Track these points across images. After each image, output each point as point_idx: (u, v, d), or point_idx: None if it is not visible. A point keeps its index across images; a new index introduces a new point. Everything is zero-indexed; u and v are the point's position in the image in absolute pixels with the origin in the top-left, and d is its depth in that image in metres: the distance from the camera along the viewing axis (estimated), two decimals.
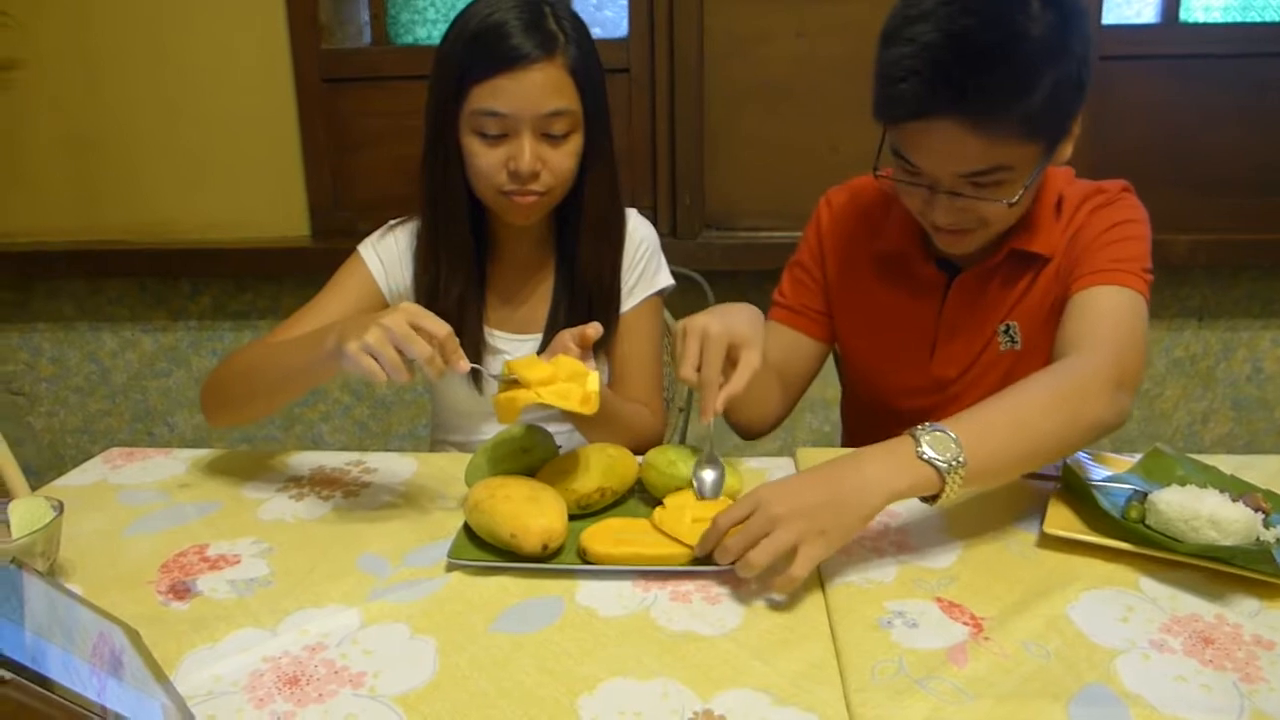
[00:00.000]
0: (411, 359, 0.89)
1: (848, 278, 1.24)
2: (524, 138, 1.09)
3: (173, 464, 1.15)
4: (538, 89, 1.07)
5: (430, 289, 1.21)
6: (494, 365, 1.24)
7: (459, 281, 1.20)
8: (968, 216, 1.03)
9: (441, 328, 0.90)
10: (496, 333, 1.26)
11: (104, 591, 0.84)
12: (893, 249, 1.19)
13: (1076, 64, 0.95)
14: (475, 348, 1.22)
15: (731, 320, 0.96)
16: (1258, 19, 2.05)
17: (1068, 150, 1.04)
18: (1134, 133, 2.06)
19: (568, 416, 1.14)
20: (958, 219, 1.03)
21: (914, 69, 0.93)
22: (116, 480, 1.11)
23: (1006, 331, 1.16)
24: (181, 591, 0.84)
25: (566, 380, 0.94)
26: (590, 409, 0.93)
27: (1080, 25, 0.95)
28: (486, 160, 1.10)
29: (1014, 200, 1.00)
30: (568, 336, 1.01)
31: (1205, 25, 2.05)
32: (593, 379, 0.95)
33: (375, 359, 0.88)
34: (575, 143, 1.13)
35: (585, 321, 1.04)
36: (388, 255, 1.24)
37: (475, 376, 1.24)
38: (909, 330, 1.20)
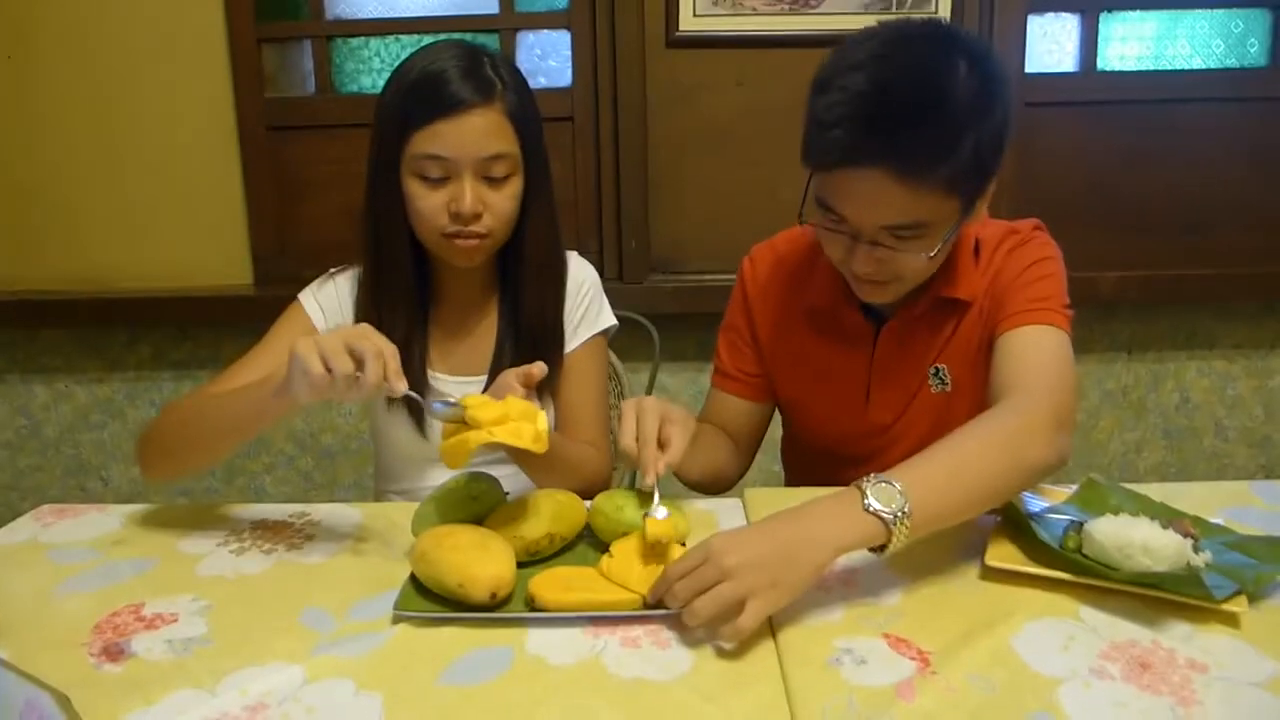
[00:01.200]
0: (356, 371, 0.89)
1: (779, 333, 1.26)
2: (465, 180, 1.10)
3: (107, 520, 1.11)
4: (478, 133, 1.10)
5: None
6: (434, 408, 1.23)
7: (401, 325, 1.20)
8: (885, 269, 1.05)
9: (387, 344, 0.91)
10: (440, 375, 1.26)
11: (34, 655, 0.81)
12: (820, 303, 1.21)
13: (997, 127, 0.98)
14: (418, 392, 1.21)
15: (664, 402, 1.03)
16: (1169, 68, 2.16)
17: (983, 210, 1.07)
18: (1058, 175, 2.15)
19: (516, 459, 1.14)
20: (876, 270, 1.05)
21: (846, 116, 0.96)
22: (47, 538, 1.07)
23: (936, 374, 1.19)
24: (115, 653, 0.81)
25: (518, 419, 0.94)
26: (541, 447, 0.94)
27: (1002, 91, 0.98)
28: (428, 203, 1.11)
29: (931, 254, 1.03)
30: (512, 376, 1.01)
31: (1121, 73, 2.16)
32: (542, 418, 0.95)
33: (326, 366, 0.88)
34: (515, 185, 1.15)
35: (529, 362, 1.04)
36: (328, 303, 1.24)
37: (416, 417, 1.23)
38: (843, 380, 1.22)
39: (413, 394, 0.96)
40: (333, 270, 1.27)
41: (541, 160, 1.18)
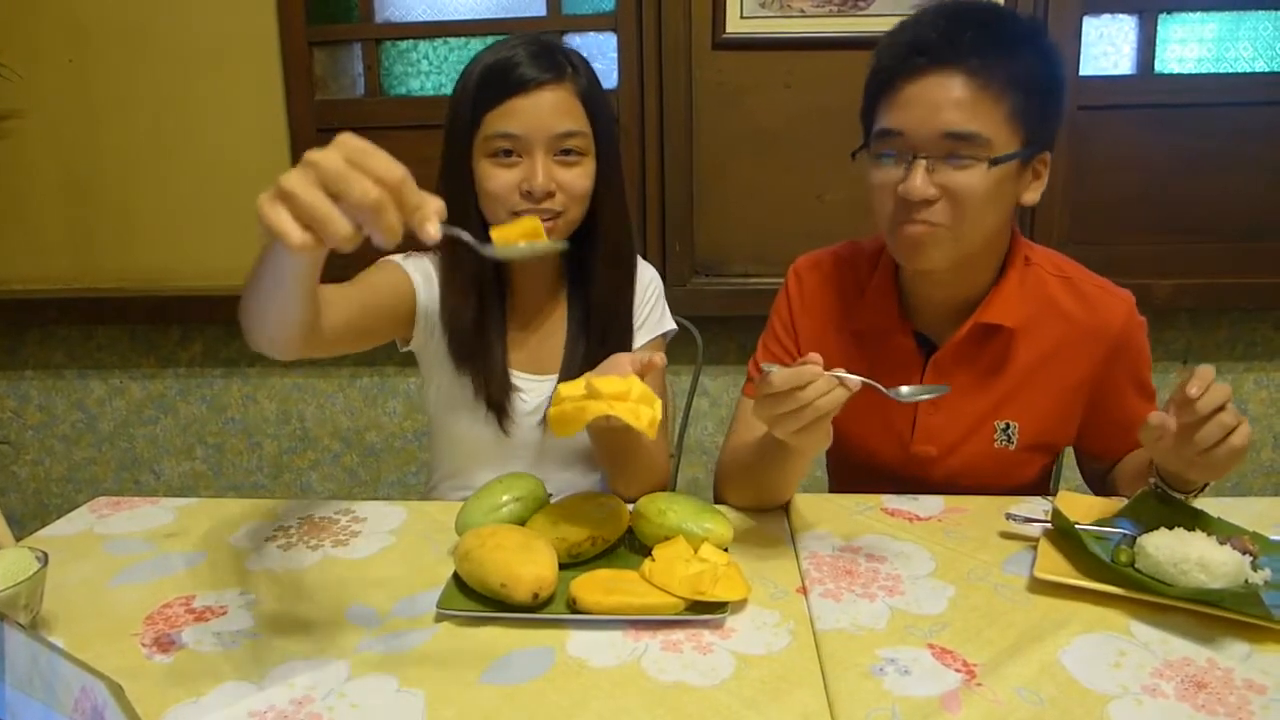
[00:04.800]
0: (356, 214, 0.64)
1: (825, 350, 1.22)
2: (537, 157, 1.11)
3: (160, 513, 1.14)
4: (549, 109, 1.11)
5: (454, 316, 1.20)
6: (515, 401, 1.23)
7: (480, 320, 1.19)
8: (940, 199, 1.02)
9: (395, 169, 0.65)
10: (515, 372, 1.25)
11: (87, 644, 0.83)
12: (870, 325, 1.20)
13: (1058, 80, 1.05)
14: (502, 383, 1.21)
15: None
16: (1230, 70, 2.10)
17: (1035, 192, 1.08)
18: (1114, 180, 2.10)
19: (601, 449, 1.16)
20: (931, 198, 1.02)
21: (917, 29, 1.04)
22: (103, 530, 1.10)
23: (1005, 430, 1.18)
24: (166, 644, 0.83)
25: (637, 400, 0.93)
26: (653, 433, 0.93)
27: (1060, 60, 1.06)
28: (499, 182, 1.12)
29: (990, 163, 1.01)
30: (625, 360, 1.02)
31: (1180, 76, 2.10)
32: (658, 405, 0.95)
33: (291, 209, 0.63)
34: (588, 166, 1.15)
35: (601, 358, 1.05)
36: (421, 269, 1.23)
37: (498, 414, 1.21)
38: (889, 409, 1.19)
39: (457, 231, 0.76)
40: (415, 251, 1.25)
41: (613, 149, 1.18)
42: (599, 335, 1.22)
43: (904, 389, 0.97)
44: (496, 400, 1.21)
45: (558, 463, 1.25)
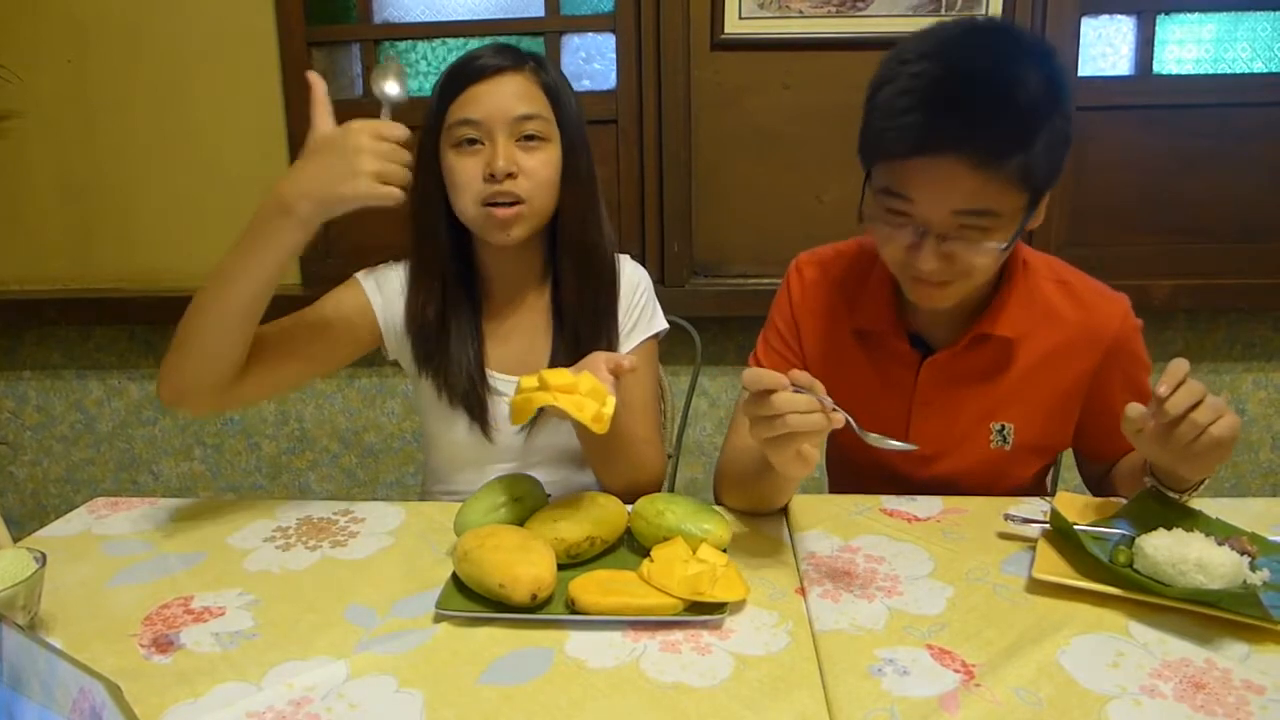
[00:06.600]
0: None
1: (825, 347, 1.24)
2: (498, 140, 1.13)
3: (158, 513, 1.14)
4: (508, 94, 1.13)
5: (414, 317, 1.21)
6: (493, 402, 1.24)
7: (445, 308, 1.21)
8: (952, 266, 1.01)
9: (401, 130, 1.00)
10: (499, 375, 1.25)
11: (85, 644, 0.83)
12: (868, 325, 1.19)
13: (1064, 123, 0.96)
14: (475, 384, 1.22)
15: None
16: (1229, 70, 2.10)
17: (1041, 215, 1.04)
18: (1113, 180, 2.10)
19: (585, 446, 1.16)
20: (942, 267, 1.01)
21: (921, 101, 0.94)
22: (101, 530, 1.09)
23: (1001, 431, 1.18)
24: (164, 645, 0.83)
25: (586, 394, 0.94)
26: (600, 429, 0.94)
27: (1067, 88, 0.97)
28: (465, 172, 1.13)
29: (1002, 246, 0.99)
30: (601, 359, 1.02)
31: (1178, 76, 2.11)
32: (610, 402, 0.96)
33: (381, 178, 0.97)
34: (551, 153, 1.16)
35: (582, 359, 1.05)
36: (386, 285, 1.25)
37: (480, 421, 1.22)
38: (884, 405, 1.20)
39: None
40: (392, 261, 1.28)
41: (580, 144, 1.19)
42: (572, 335, 1.22)
43: (872, 435, 0.94)
44: (468, 402, 1.22)
45: (541, 464, 1.24)
